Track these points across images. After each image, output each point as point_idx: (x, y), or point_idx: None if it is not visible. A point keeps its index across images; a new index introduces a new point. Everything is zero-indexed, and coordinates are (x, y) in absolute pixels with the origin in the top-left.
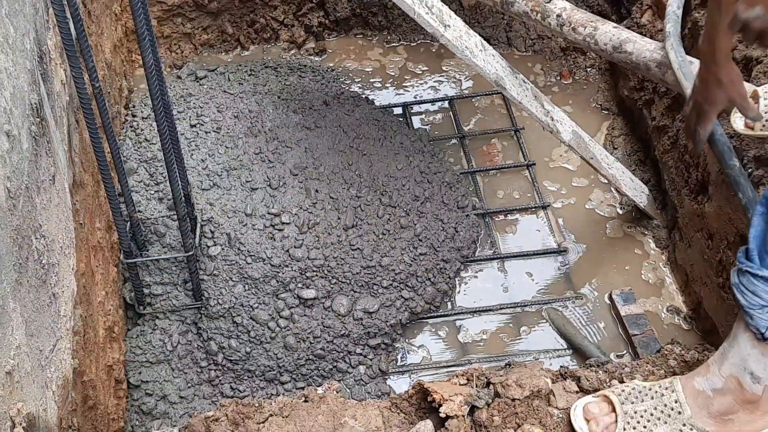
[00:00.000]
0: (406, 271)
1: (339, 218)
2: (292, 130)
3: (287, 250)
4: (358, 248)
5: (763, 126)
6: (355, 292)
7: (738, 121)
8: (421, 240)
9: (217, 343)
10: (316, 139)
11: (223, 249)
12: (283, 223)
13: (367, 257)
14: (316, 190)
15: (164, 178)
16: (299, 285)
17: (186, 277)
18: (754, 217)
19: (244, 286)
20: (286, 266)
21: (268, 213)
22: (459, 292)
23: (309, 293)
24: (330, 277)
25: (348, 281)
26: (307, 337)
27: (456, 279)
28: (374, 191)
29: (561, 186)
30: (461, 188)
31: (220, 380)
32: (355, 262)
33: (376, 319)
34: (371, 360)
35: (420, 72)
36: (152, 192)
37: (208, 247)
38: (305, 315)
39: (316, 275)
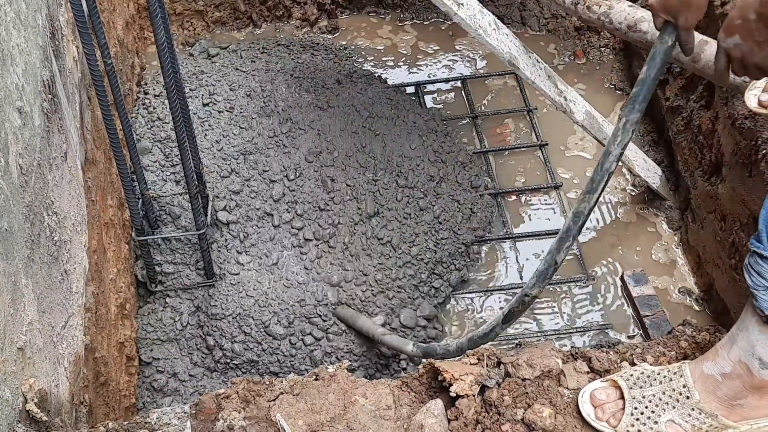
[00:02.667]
0: (434, 259)
1: (359, 208)
2: (305, 110)
3: (322, 276)
4: (388, 241)
5: None
6: (389, 300)
7: (752, 99)
8: (440, 222)
9: (223, 348)
10: (329, 119)
11: (246, 266)
12: (306, 240)
13: (398, 250)
14: (332, 180)
15: (179, 159)
16: (329, 315)
17: (198, 257)
18: (766, 198)
19: (271, 313)
20: (317, 289)
21: (292, 228)
22: (471, 271)
23: (338, 326)
24: (362, 299)
25: (384, 289)
26: (335, 353)
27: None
28: (390, 173)
29: (573, 166)
30: (474, 168)
31: (222, 372)
32: (389, 262)
33: (412, 328)
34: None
35: (432, 51)
36: (168, 173)
37: (238, 262)
38: (339, 335)
39: (350, 299)
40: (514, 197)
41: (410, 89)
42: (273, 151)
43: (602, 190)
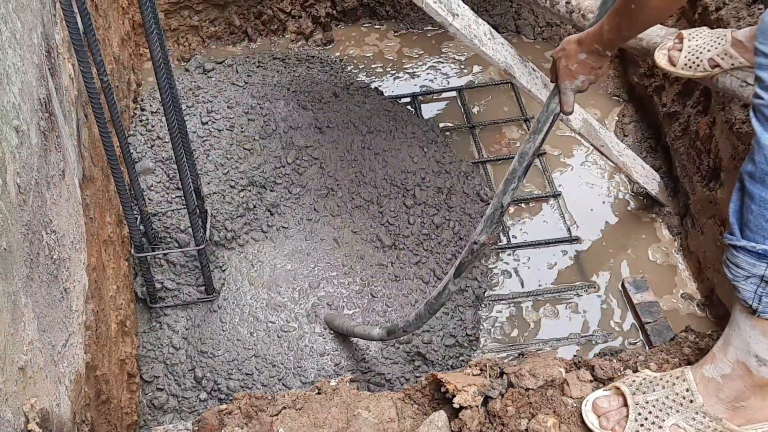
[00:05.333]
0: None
1: (377, 247)
2: (305, 132)
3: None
4: (438, 279)
5: (684, 65)
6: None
7: (661, 58)
8: (461, 239)
9: (217, 383)
10: (329, 145)
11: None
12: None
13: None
14: (338, 231)
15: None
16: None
17: (198, 276)
18: (733, 192)
19: (284, 371)
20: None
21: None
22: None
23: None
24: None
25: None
26: None
27: None
28: (394, 197)
29: (572, 174)
30: (477, 178)
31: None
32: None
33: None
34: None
35: (428, 61)
36: (173, 196)
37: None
38: (381, 385)
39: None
40: (513, 206)
41: (406, 100)
42: (282, 188)
43: (547, 131)
